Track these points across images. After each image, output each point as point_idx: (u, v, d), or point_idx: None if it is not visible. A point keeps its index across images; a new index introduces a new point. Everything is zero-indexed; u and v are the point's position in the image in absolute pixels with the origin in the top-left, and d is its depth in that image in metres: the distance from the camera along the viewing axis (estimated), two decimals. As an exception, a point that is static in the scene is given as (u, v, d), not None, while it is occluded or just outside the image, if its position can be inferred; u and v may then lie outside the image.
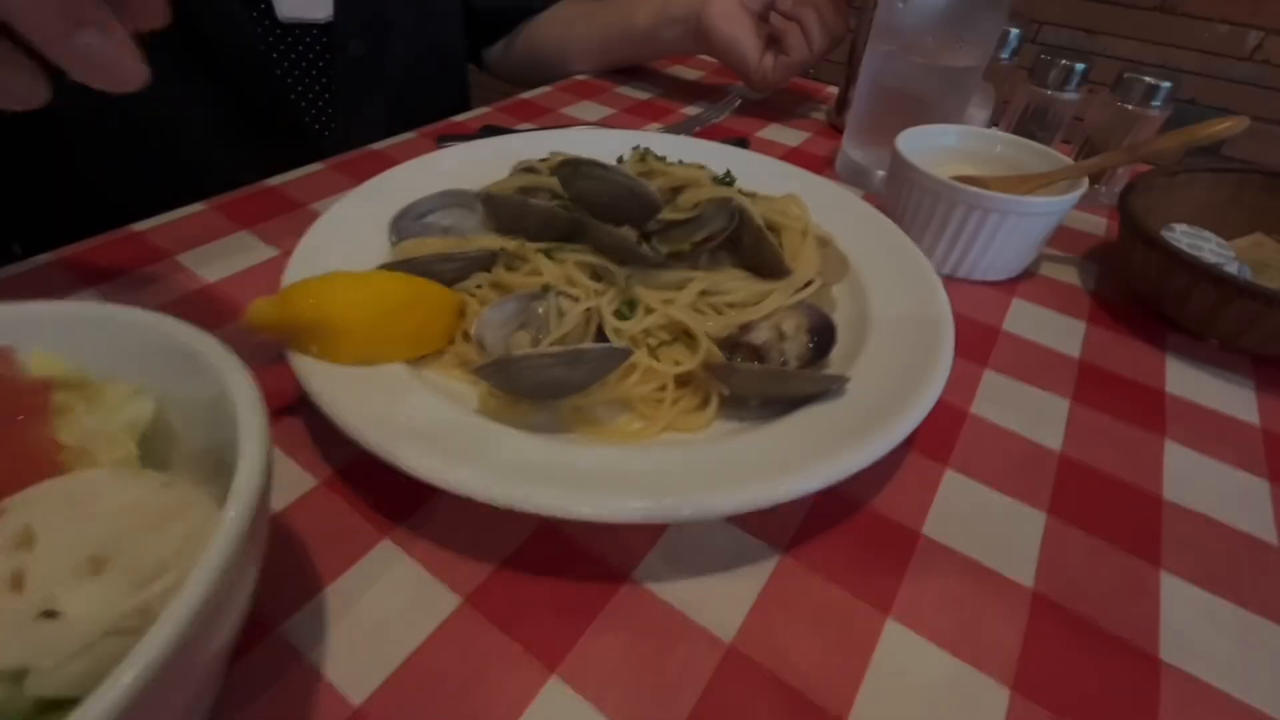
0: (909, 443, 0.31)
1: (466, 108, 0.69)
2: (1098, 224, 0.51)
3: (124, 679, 0.12)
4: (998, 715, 0.21)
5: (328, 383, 0.25)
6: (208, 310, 0.36)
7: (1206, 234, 0.43)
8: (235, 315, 0.35)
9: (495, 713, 0.20)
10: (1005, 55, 0.55)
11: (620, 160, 0.38)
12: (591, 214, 0.31)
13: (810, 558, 0.26)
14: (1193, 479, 0.31)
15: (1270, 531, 0.28)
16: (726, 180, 0.36)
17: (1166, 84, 0.49)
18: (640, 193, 0.31)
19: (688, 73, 0.77)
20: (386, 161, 0.51)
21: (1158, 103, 0.49)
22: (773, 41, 0.63)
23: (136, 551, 0.15)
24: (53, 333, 0.21)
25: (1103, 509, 0.29)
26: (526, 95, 0.67)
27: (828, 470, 0.24)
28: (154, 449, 0.20)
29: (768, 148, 0.60)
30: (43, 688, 0.14)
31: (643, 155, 0.37)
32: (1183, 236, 0.42)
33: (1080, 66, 0.51)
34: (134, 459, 0.19)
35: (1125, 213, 0.41)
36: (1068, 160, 0.44)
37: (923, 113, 0.49)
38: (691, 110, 0.65)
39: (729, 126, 0.63)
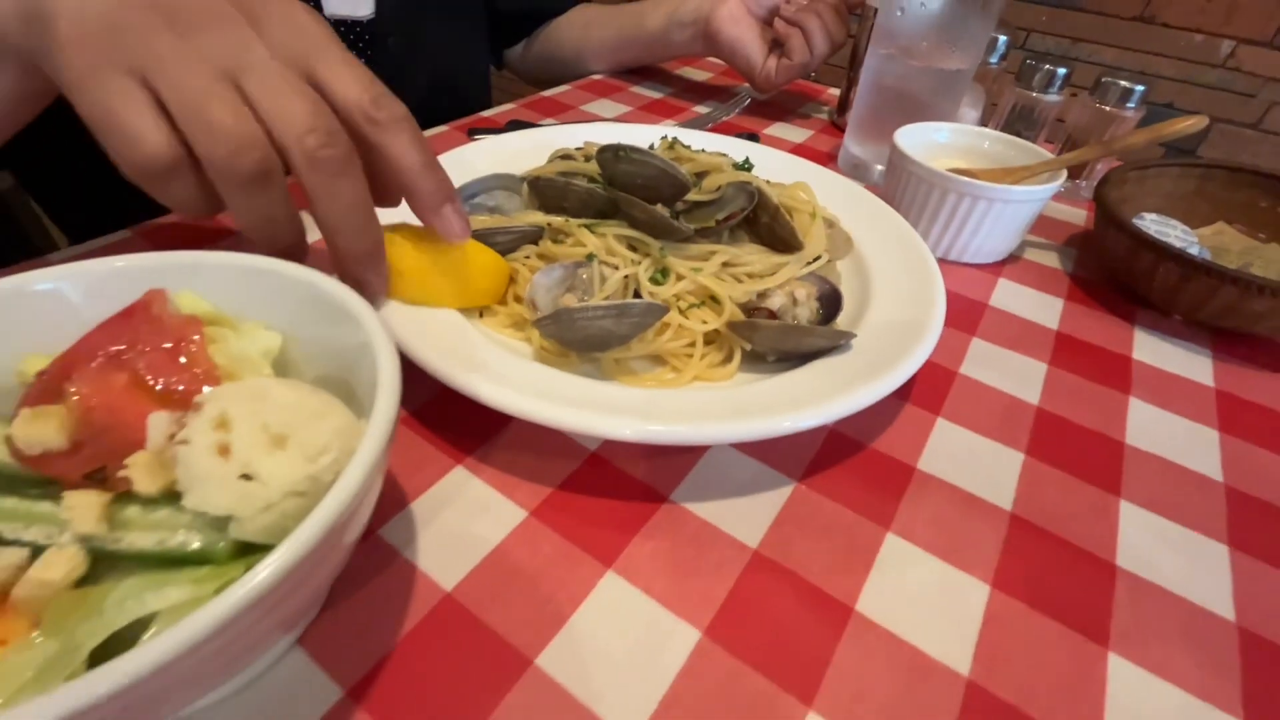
0: (906, 395, 0.35)
1: (488, 104, 0.74)
2: (1078, 215, 0.56)
3: (316, 523, 0.16)
4: (980, 603, 0.26)
5: (412, 336, 0.29)
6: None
7: (1173, 222, 0.47)
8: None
9: (563, 596, 0.25)
10: (994, 60, 0.60)
11: (651, 147, 0.43)
12: (628, 194, 0.36)
13: (821, 485, 0.30)
14: (1152, 429, 0.35)
15: (1217, 471, 0.33)
16: (745, 166, 0.40)
17: (1140, 87, 0.53)
18: (673, 174, 0.35)
19: (697, 74, 0.81)
20: (423, 152, 0.56)
21: (1132, 104, 0.54)
22: (776, 45, 0.67)
23: (305, 434, 0.19)
24: (194, 278, 0.25)
25: (1072, 450, 0.33)
26: (548, 93, 0.71)
27: (835, 407, 0.28)
28: (279, 374, 0.24)
29: (774, 144, 0.64)
30: (241, 532, 0.18)
31: (671, 144, 0.42)
32: (1151, 224, 0.47)
33: (1062, 71, 0.56)
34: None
35: (1100, 201, 0.45)
36: (1049, 155, 0.49)
37: (918, 111, 0.53)
38: (702, 109, 0.70)
39: (738, 123, 0.67)
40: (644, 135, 0.51)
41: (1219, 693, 0.24)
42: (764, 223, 0.37)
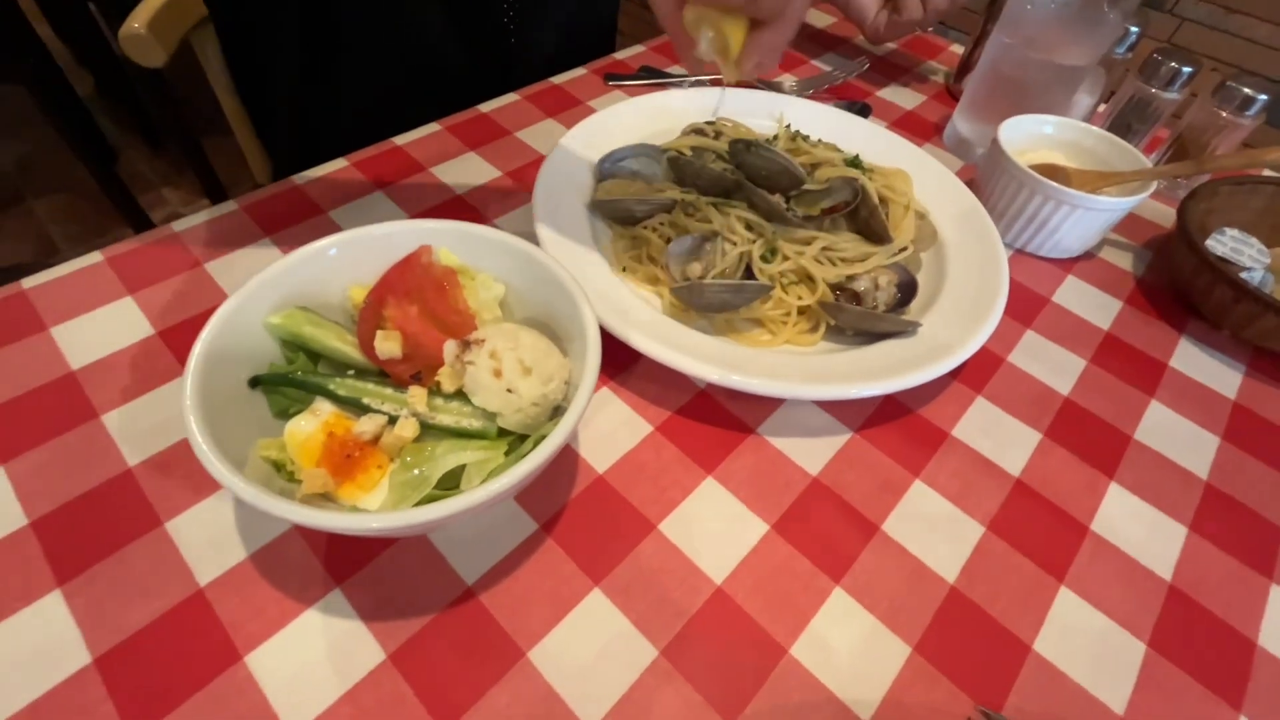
0: (956, 373, 0.43)
1: (615, 30, 0.80)
2: (1167, 215, 0.59)
3: (566, 423, 0.27)
4: (974, 538, 0.35)
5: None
6: (464, 216, 0.50)
7: (1252, 240, 0.51)
8: (479, 223, 0.50)
9: (675, 490, 0.36)
10: (1120, 50, 0.60)
11: (774, 138, 0.49)
12: (752, 180, 0.43)
13: (872, 437, 0.39)
14: (1161, 428, 0.42)
15: (1204, 470, 0.40)
16: (854, 163, 0.46)
17: (1262, 96, 0.54)
18: (792, 170, 0.42)
19: (819, 19, 0.82)
20: (566, 95, 0.64)
21: (1251, 112, 0.55)
22: None
23: (542, 366, 0.30)
24: (447, 239, 0.35)
25: (1083, 436, 0.41)
26: (675, 35, 0.75)
27: (896, 383, 0.37)
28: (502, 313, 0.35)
29: (885, 109, 0.68)
30: (503, 423, 0.30)
31: (793, 136, 0.48)
32: (1229, 240, 0.50)
33: (1187, 69, 0.57)
34: (500, 321, 0.34)
35: (1181, 215, 0.49)
36: (1148, 162, 0.52)
37: (1031, 101, 0.56)
38: (821, 64, 0.73)
39: (854, 84, 0.70)
40: (766, 104, 0.56)
41: (1135, 623, 0.33)
42: (863, 216, 0.44)
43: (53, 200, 1.69)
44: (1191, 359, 0.47)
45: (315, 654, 0.29)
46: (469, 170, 0.54)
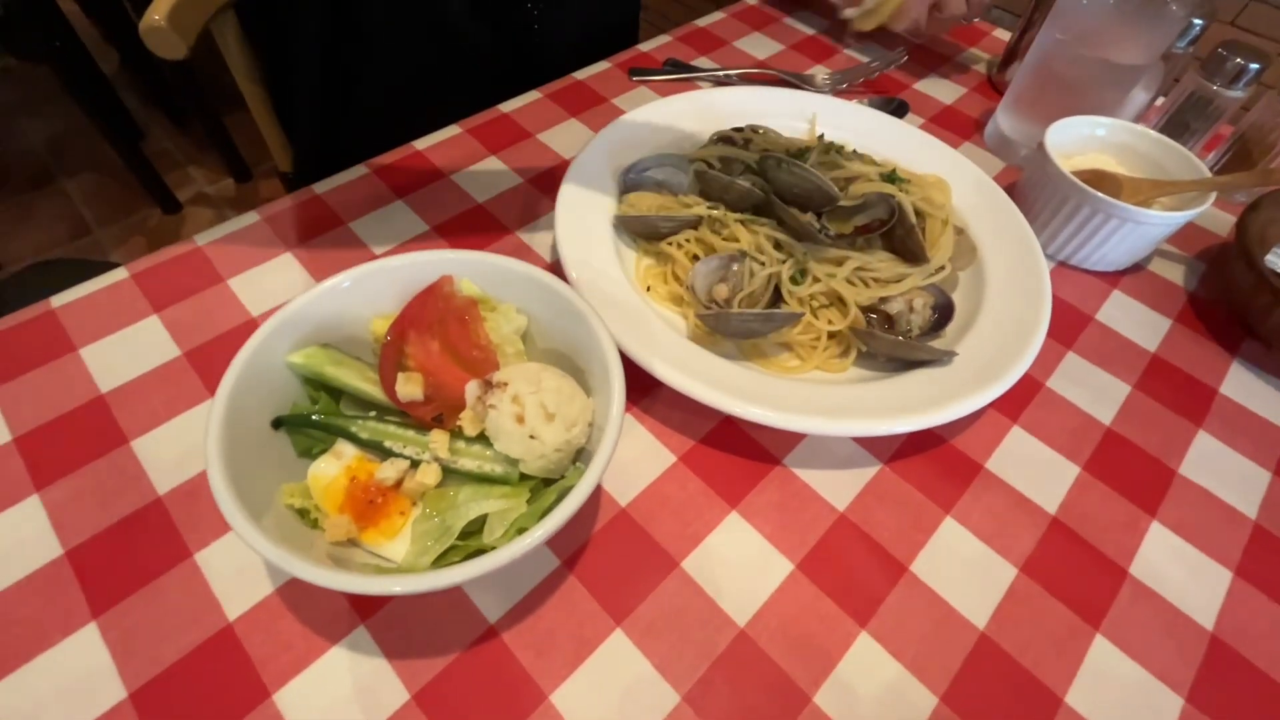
0: (990, 402, 0.42)
1: (636, 17, 0.78)
2: (1224, 222, 0.55)
3: (590, 476, 0.27)
4: (1006, 580, 0.34)
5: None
6: (485, 228, 0.49)
7: (1316, 256, 0.48)
8: (501, 235, 0.49)
9: (698, 525, 0.35)
10: (1182, 44, 0.56)
11: (807, 149, 0.47)
12: (781, 197, 0.41)
13: (902, 469, 0.38)
14: (1208, 462, 0.40)
15: (1253, 509, 0.38)
16: (891, 178, 0.44)
17: (1338, 97, 0.50)
18: (825, 189, 0.40)
19: (856, 1, 0.78)
20: (589, 92, 0.62)
21: (1323, 114, 0.51)
22: None
23: (565, 411, 0.29)
24: (468, 270, 0.34)
25: (1126, 470, 0.39)
26: (701, 23, 0.72)
27: (927, 419, 0.36)
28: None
29: (923, 104, 0.64)
30: (525, 469, 0.29)
31: (827, 148, 0.46)
32: (1292, 255, 0.48)
33: (1254, 66, 0.53)
34: (522, 355, 0.34)
35: (1241, 228, 0.46)
36: (1206, 170, 0.49)
37: (1081, 100, 0.53)
38: (859, 56, 0.69)
39: (891, 76, 0.67)
40: (797, 104, 0.54)
41: (1173, 676, 0.32)
42: (899, 235, 0.42)
43: (83, 180, 1.71)
44: (1244, 385, 0.44)
45: (341, 693, 0.29)
46: (490, 177, 0.53)
